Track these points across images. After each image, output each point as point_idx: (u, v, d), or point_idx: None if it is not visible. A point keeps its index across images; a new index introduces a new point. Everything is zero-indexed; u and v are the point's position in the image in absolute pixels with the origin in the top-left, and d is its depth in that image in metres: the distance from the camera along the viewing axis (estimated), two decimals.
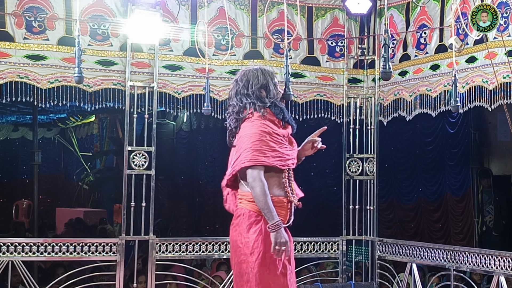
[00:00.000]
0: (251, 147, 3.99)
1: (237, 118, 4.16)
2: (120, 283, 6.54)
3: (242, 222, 4.08)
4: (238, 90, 4.21)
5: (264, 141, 4.00)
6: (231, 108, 4.23)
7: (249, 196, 4.05)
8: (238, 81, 4.24)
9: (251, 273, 4.00)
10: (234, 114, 4.18)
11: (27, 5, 6.36)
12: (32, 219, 11.68)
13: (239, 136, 4.13)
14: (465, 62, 6.37)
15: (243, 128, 4.12)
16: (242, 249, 4.05)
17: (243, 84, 4.19)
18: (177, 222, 14.32)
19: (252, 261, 3.99)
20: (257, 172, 3.96)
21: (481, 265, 6.29)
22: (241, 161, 4.02)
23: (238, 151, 4.08)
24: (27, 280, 6.35)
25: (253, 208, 4.04)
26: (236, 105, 4.18)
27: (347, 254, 7.53)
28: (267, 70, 4.30)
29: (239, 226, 4.09)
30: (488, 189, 10.53)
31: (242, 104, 4.14)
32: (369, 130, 7.50)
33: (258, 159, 3.97)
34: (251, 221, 4.04)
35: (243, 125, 4.13)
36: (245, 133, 4.08)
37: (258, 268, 3.98)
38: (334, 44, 7.47)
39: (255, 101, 4.12)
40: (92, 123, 16.96)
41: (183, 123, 14.43)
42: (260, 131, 4.03)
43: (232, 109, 4.21)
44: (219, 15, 6.97)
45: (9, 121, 16.34)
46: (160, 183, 12.11)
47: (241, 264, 4.05)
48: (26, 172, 17.21)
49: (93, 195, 16.55)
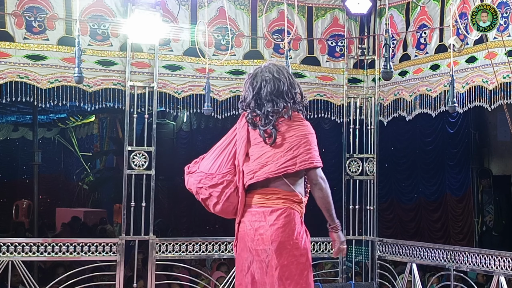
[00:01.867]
0: (314, 148, 3.98)
1: (272, 116, 3.96)
2: (120, 283, 6.54)
3: (290, 223, 3.96)
4: (277, 87, 4.00)
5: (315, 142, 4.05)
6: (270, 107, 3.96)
7: (297, 197, 3.99)
8: (275, 78, 4.01)
9: (302, 274, 3.95)
10: (270, 113, 3.95)
11: (27, 5, 6.36)
12: (32, 219, 11.68)
13: (288, 137, 3.97)
14: (465, 62, 6.37)
15: (295, 127, 3.97)
16: (291, 250, 3.94)
17: (282, 82, 4.02)
18: (177, 222, 14.31)
19: (303, 263, 3.95)
20: (322, 173, 4.00)
21: (481, 265, 6.29)
22: (308, 161, 3.93)
23: (293, 149, 3.94)
24: (27, 280, 6.35)
25: (298, 209, 4.01)
26: (274, 103, 3.97)
27: (347, 254, 7.53)
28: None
29: (287, 227, 3.95)
30: (488, 189, 10.54)
31: (283, 103, 3.98)
32: (369, 130, 7.50)
33: (320, 160, 4.01)
34: (298, 222, 4.00)
35: (288, 123, 3.97)
36: (302, 132, 3.97)
37: (309, 270, 3.99)
38: (334, 44, 7.47)
39: (293, 100, 4.03)
40: (92, 123, 16.96)
41: (183, 123, 14.43)
42: (313, 133, 4.04)
43: (271, 108, 3.96)
44: (219, 15, 6.97)
45: (9, 121, 16.34)
46: (160, 183, 12.09)
47: (290, 266, 3.93)
48: (26, 172, 17.19)
49: (93, 195, 16.54)
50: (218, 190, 4.03)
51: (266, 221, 3.96)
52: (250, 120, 4.01)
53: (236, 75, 7.09)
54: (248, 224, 4.02)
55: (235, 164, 4.03)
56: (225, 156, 4.06)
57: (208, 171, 4.06)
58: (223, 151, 4.08)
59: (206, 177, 4.06)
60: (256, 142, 4.00)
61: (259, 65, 4.16)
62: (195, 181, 4.10)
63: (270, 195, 3.99)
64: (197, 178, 4.08)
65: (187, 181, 4.20)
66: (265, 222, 3.96)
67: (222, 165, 4.04)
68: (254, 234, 3.98)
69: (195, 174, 4.11)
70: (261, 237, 3.95)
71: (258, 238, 3.96)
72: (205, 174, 4.06)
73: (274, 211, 3.96)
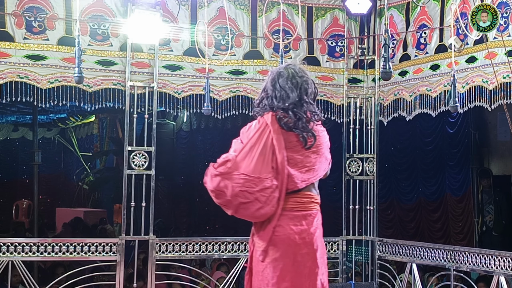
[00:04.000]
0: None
1: (312, 119, 3.90)
2: (120, 283, 6.55)
3: (321, 227, 3.98)
4: (314, 89, 3.94)
5: None
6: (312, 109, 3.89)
7: (320, 200, 4.01)
8: (311, 80, 3.94)
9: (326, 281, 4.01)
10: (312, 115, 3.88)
11: (27, 5, 6.36)
12: (32, 219, 11.67)
13: (324, 142, 3.94)
14: (465, 62, 6.37)
15: (322, 132, 3.94)
16: (324, 254, 3.98)
17: (314, 85, 3.97)
18: (177, 222, 14.31)
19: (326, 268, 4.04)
20: None
21: (481, 265, 6.29)
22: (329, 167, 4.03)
23: (325, 154, 3.96)
24: (27, 280, 6.35)
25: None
26: (313, 105, 3.92)
27: (347, 254, 7.53)
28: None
29: (321, 232, 3.96)
30: (488, 189, 10.53)
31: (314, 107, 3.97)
32: (369, 130, 7.50)
33: None
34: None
35: (321, 129, 3.94)
36: (327, 138, 3.99)
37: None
38: (334, 44, 7.48)
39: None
40: (92, 123, 16.95)
41: (183, 123, 14.43)
42: None
43: (313, 110, 3.90)
44: (219, 15, 6.97)
45: (9, 121, 16.33)
46: (160, 183, 12.10)
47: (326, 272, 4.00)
48: (26, 172, 17.19)
49: (93, 195, 16.53)
50: (265, 194, 3.78)
51: (306, 226, 3.88)
52: (292, 122, 3.84)
53: (236, 75, 7.09)
54: (289, 228, 3.86)
55: (274, 168, 3.82)
56: (264, 159, 3.82)
57: (254, 174, 3.77)
58: (261, 153, 3.80)
59: (252, 180, 3.76)
60: (291, 146, 3.85)
61: (285, 65, 3.99)
62: (237, 184, 3.75)
63: (305, 199, 3.92)
64: (239, 180, 3.75)
65: (217, 183, 3.81)
66: (306, 226, 3.88)
67: (263, 168, 3.79)
68: (297, 238, 3.86)
69: (235, 176, 3.77)
70: (303, 241, 3.86)
71: (301, 243, 3.86)
72: (251, 177, 3.76)
73: (311, 215, 3.91)
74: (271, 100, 3.88)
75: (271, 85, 3.91)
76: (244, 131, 3.94)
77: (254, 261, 3.92)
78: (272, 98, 3.88)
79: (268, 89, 3.91)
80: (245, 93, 7.09)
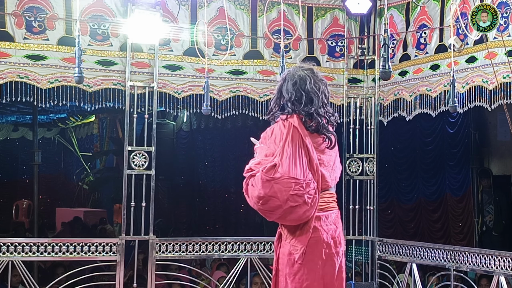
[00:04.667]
0: None
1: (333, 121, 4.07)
2: (120, 283, 6.54)
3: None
4: (329, 91, 4.12)
5: None
6: (331, 111, 4.05)
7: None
8: (327, 85, 4.10)
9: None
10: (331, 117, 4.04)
11: (27, 5, 6.36)
12: (32, 219, 11.67)
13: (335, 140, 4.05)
14: (465, 62, 6.37)
15: (333, 132, 4.06)
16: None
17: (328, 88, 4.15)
18: (177, 222, 14.31)
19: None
20: None
21: (481, 265, 6.29)
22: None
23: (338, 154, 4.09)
24: (27, 280, 6.35)
25: None
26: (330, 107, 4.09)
27: (347, 254, 7.53)
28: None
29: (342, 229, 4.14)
30: (488, 189, 10.53)
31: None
32: (369, 130, 7.50)
33: None
34: None
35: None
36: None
37: None
38: (334, 44, 7.47)
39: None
40: (92, 123, 16.94)
41: (183, 123, 14.43)
42: None
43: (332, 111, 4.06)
44: (219, 15, 6.97)
45: (9, 121, 16.33)
46: (160, 183, 12.09)
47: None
48: (26, 172, 17.19)
49: (93, 195, 16.53)
50: (311, 196, 3.84)
51: (334, 224, 3.98)
52: (317, 125, 3.92)
53: (236, 75, 7.09)
54: (321, 229, 3.92)
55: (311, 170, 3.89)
56: (304, 161, 3.86)
57: (301, 177, 3.80)
58: (299, 155, 3.84)
59: (300, 183, 3.78)
60: (317, 147, 3.93)
61: (302, 68, 4.04)
62: (288, 188, 3.75)
63: (330, 198, 4.02)
64: (290, 184, 3.75)
65: (270, 188, 3.78)
66: (334, 225, 3.97)
67: (306, 170, 3.84)
68: (328, 238, 3.93)
69: (285, 180, 3.76)
70: (333, 240, 3.95)
71: (331, 242, 3.94)
72: (299, 180, 3.78)
73: (335, 214, 4.02)
74: (296, 104, 3.94)
75: (293, 89, 3.96)
76: (267, 135, 3.95)
77: (286, 263, 3.92)
78: (296, 102, 3.94)
79: (290, 94, 3.96)
80: (245, 93, 7.09)
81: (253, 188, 3.81)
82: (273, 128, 3.94)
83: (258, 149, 3.95)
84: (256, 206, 3.84)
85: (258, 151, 3.94)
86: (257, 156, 3.92)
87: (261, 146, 3.94)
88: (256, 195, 3.80)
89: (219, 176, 14.21)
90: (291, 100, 3.94)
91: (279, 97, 4.01)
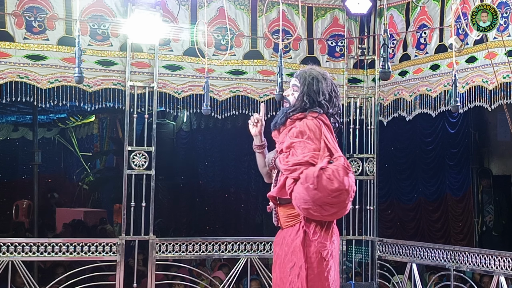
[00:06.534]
0: None
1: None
2: (120, 283, 6.54)
3: None
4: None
5: None
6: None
7: None
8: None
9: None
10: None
11: (27, 5, 6.36)
12: (32, 219, 11.67)
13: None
14: (465, 62, 6.37)
15: None
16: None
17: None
18: (177, 222, 14.32)
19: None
20: None
21: (481, 265, 6.29)
22: None
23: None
24: (27, 280, 6.34)
25: None
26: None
27: (347, 254, 7.54)
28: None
29: None
30: (488, 189, 10.54)
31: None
32: (369, 130, 7.50)
33: None
34: None
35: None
36: None
37: None
38: (334, 44, 7.47)
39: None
40: (92, 123, 16.95)
41: (183, 123, 14.43)
42: None
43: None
44: (219, 15, 6.97)
45: (9, 121, 16.33)
46: (160, 183, 12.10)
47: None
48: (26, 172, 17.18)
49: (93, 195, 16.53)
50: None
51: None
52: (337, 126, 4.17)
53: (236, 75, 7.09)
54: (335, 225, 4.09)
55: None
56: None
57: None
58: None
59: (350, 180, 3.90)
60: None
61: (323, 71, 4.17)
62: (353, 182, 3.89)
63: None
64: (353, 178, 3.91)
65: (350, 180, 3.85)
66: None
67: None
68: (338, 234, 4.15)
69: (352, 174, 3.90)
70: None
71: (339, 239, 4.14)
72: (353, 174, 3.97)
73: None
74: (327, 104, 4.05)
75: (327, 91, 4.07)
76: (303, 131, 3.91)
77: (314, 262, 3.91)
78: (327, 102, 4.05)
79: (324, 93, 4.05)
80: (245, 93, 7.09)
81: (330, 181, 3.73)
82: (306, 124, 3.93)
83: (299, 143, 3.87)
84: (326, 199, 3.76)
85: (298, 145, 3.87)
86: (300, 151, 3.85)
87: (301, 141, 3.88)
88: (336, 187, 3.74)
89: (219, 176, 14.21)
90: (325, 100, 4.05)
91: (309, 95, 4.04)
